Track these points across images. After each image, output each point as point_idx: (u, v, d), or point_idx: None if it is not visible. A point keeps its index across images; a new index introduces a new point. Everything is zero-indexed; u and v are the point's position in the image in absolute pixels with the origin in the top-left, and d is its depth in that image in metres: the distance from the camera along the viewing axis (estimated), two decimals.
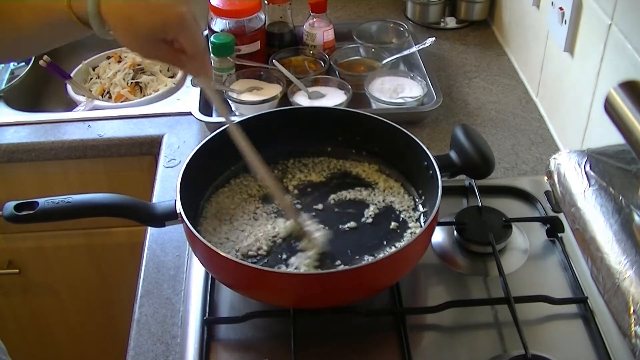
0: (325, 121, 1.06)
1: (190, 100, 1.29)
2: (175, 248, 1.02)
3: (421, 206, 0.98)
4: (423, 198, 0.98)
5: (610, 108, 0.69)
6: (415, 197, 1.00)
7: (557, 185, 0.99)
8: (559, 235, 0.99)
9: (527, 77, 1.38)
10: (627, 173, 0.88)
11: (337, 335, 0.88)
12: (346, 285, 0.82)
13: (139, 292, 0.95)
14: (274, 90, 1.28)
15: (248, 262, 0.86)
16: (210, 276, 0.93)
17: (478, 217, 1.00)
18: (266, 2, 1.38)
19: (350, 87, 1.28)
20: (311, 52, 1.40)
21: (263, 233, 0.93)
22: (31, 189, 1.32)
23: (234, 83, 1.30)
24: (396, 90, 1.28)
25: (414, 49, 1.38)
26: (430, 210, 0.94)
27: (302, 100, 1.27)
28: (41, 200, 0.87)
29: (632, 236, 0.84)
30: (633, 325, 0.79)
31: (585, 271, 0.93)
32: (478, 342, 0.87)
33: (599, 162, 0.93)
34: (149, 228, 1.04)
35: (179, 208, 0.86)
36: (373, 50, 1.41)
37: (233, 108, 1.28)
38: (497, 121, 1.28)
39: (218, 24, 1.33)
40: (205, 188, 1.00)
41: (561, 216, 1.00)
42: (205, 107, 1.28)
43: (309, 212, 0.97)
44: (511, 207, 1.05)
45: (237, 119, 1.03)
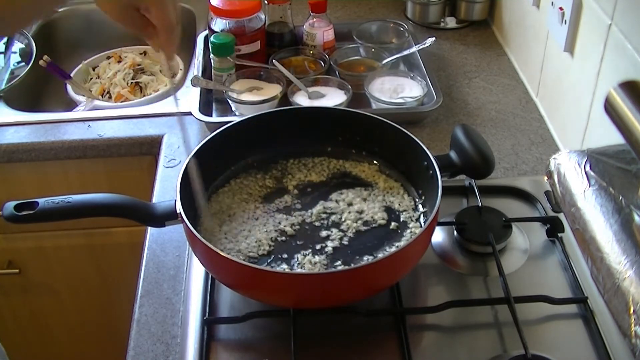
0: (325, 121, 1.06)
1: (190, 100, 1.29)
2: (175, 248, 1.02)
3: (421, 206, 0.98)
4: (423, 198, 0.98)
5: (610, 108, 0.68)
6: (415, 197, 1.00)
7: (557, 185, 0.99)
8: (559, 235, 0.99)
9: (527, 77, 1.38)
10: (627, 173, 0.88)
11: (337, 335, 0.88)
12: (346, 285, 0.82)
13: (139, 292, 0.95)
14: (274, 90, 1.28)
15: (248, 262, 0.86)
16: (210, 276, 0.93)
17: (478, 217, 1.00)
18: (266, 2, 1.38)
19: (350, 87, 1.27)
20: (311, 52, 1.40)
21: (263, 233, 0.93)
22: (31, 189, 1.32)
23: (234, 83, 1.30)
24: (396, 90, 1.28)
25: (414, 49, 1.38)
26: (430, 210, 0.94)
27: (302, 100, 1.27)
28: (41, 200, 0.87)
29: (632, 236, 0.84)
30: (633, 325, 0.79)
31: (585, 271, 0.93)
32: (478, 342, 0.87)
33: (599, 162, 0.93)
34: (149, 228, 1.04)
35: (179, 208, 0.86)
36: (373, 50, 1.40)
37: (233, 108, 1.28)
38: (497, 121, 1.28)
39: (218, 24, 1.33)
40: (205, 188, 1.00)
41: (561, 216, 1.00)
42: (205, 107, 1.28)
43: (309, 211, 0.97)
44: (511, 207, 1.05)
45: (237, 119, 1.04)
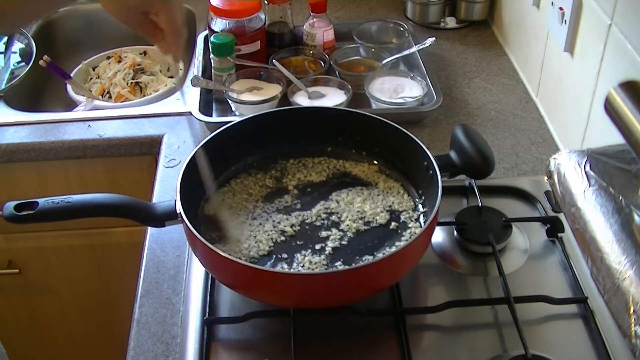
0: (325, 121, 1.06)
1: (190, 100, 1.29)
2: (175, 248, 1.02)
3: (421, 206, 0.98)
4: (423, 198, 0.98)
5: (610, 108, 0.68)
6: (415, 197, 1.00)
7: (557, 185, 0.99)
8: (559, 235, 0.99)
9: (527, 77, 1.38)
10: (627, 173, 0.88)
11: (337, 335, 0.88)
12: (346, 285, 0.82)
13: (139, 292, 0.95)
14: (274, 90, 1.28)
15: (248, 262, 0.86)
16: (210, 276, 0.93)
17: (478, 217, 1.00)
18: (266, 2, 1.38)
19: (350, 87, 1.27)
20: (311, 52, 1.40)
21: (263, 233, 0.93)
22: (31, 189, 1.32)
23: (234, 83, 1.30)
24: (396, 90, 1.28)
25: (414, 49, 1.38)
26: (430, 210, 0.94)
27: (302, 100, 1.27)
28: (41, 200, 0.87)
29: (632, 236, 0.84)
30: (633, 325, 0.79)
31: (585, 271, 0.93)
32: (478, 342, 0.87)
33: (599, 162, 0.93)
34: (149, 228, 1.04)
35: (179, 208, 0.86)
36: (373, 50, 1.40)
37: (233, 108, 1.28)
38: (497, 121, 1.28)
39: (218, 24, 1.33)
40: (205, 188, 1.00)
41: (561, 216, 1.00)
42: (205, 107, 1.28)
43: (309, 211, 0.97)
44: (511, 207, 1.05)
45: (237, 119, 1.04)
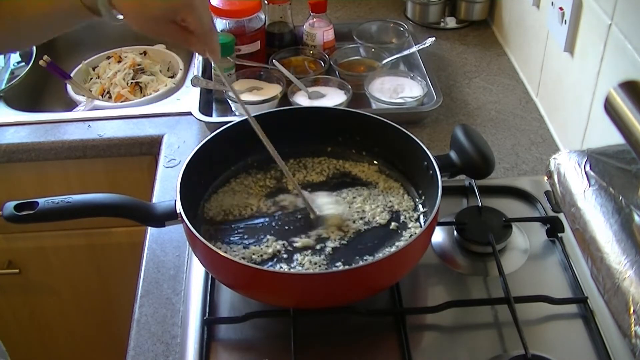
0: (325, 121, 1.06)
1: (190, 100, 1.29)
2: (175, 248, 1.02)
3: (421, 206, 0.98)
4: (423, 198, 0.98)
5: (610, 108, 0.68)
6: (415, 197, 1.00)
7: (557, 185, 0.99)
8: (559, 235, 0.99)
9: (527, 77, 1.38)
10: (627, 173, 0.88)
11: (337, 335, 0.88)
12: (346, 285, 0.82)
13: (139, 292, 0.95)
14: (274, 90, 1.28)
15: (248, 262, 0.86)
16: (210, 276, 0.93)
17: (478, 217, 1.00)
18: (266, 2, 1.38)
19: (350, 87, 1.27)
20: (311, 52, 1.40)
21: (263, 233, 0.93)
22: (31, 189, 1.32)
23: (234, 83, 1.30)
24: (396, 90, 1.28)
25: (414, 49, 1.38)
26: (430, 210, 0.94)
27: (302, 100, 1.27)
28: (41, 200, 0.87)
29: (632, 236, 0.84)
30: (633, 325, 0.79)
31: (585, 271, 0.93)
32: (478, 342, 0.87)
33: (599, 162, 0.93)
34: (149, 228, 1.04)
35: (179, 208, 0.86)
36: (373, 50, 1.41)
37: (233, 108, 1.28)
38: (497, 121, 1.28)
39: (218, 24, 1.33)
40: (205, 188, 1.00)
41: (561, 216, 1.00)
42: (205, 107, 1.28)
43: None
44: (511, 207, 1.05)
45: (237, 119, 1.03)
